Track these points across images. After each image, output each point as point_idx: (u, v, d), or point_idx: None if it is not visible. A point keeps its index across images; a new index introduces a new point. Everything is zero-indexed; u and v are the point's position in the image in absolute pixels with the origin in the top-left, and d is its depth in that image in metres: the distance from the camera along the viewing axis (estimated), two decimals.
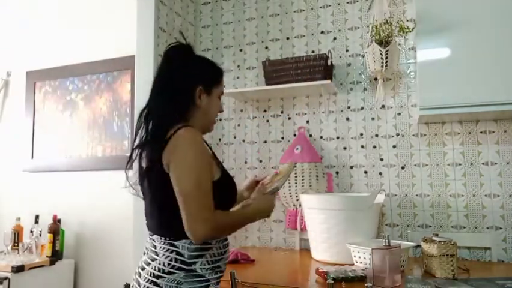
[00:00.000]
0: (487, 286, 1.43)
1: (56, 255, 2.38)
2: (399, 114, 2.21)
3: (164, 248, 1.22)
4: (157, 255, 1.22)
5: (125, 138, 2.52)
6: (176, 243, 1.21)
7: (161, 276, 1.20)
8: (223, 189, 1.27)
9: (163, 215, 1.24)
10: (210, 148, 1.37)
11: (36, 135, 2.79)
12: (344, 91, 2.33)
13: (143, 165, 1.27)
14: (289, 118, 2.44)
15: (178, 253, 1.20)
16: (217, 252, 1.26)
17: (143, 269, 1.25)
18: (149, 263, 1.23)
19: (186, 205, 1.15)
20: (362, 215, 1.86)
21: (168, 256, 1.21)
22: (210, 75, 1.34)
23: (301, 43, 2.45)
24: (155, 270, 1.21)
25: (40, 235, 2.42)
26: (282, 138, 2.44)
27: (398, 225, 2.15)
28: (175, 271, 1.20)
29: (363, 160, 2.25)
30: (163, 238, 1.23)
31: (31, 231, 2.43)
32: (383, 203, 2.11)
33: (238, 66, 2.60)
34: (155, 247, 1.24)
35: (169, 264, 1.20)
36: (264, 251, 2.29)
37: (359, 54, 2.32)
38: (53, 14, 2.86)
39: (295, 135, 2.41)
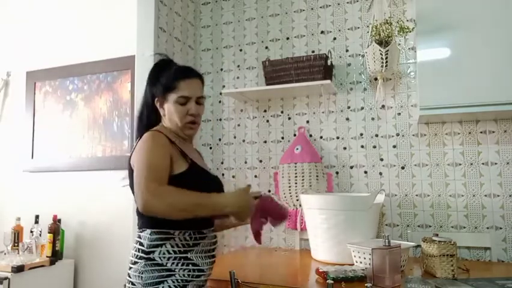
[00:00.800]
0: (487, 286, 1.43)
1: (56, 255, 2.38)
2: (399, 114, 2.21)
3: (135, 240, 1.34)
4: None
5: (125, 138, 2.52)
6: (141, 234, 1.31)
7: (130, 267, 1.30)
8: (188, 182, 1.27)
9: (137, 209, 1.34)
10: (186, 151, 1.42)
11: (36, 135, 2.79)
12: (343, 91, 2.33)
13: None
14: (289, 118, 2.44)
15: (141, 243, 1.30)
16: (181, 243, 1.30)
17: None
18: None
19: (136, 181, 1.22)
20: (362, 215, 1.86)
21: (134, 247, 1.32)
22: (162, 85, 1.43)
23: (301, 43, 2.45)
24: (129, 262, 1.32)
25: (40, 235, 2.42)
26: (282, 138, 2.44)
27: (398, 225, 2.15)
28: (138, 260, 1.28)
29: (363, 160, 2.25)
30: (137, 231, 1.35)
31: (31, 231, 2.42)
32: (383, 203, 2.11)
33: (238, 66, 2.60)
34: None
35: (134, 254, 1.31)
36: (264, 251, 2.29)
37: (359, 54, 2.32)
38: (53, 14, 2.86)
39: (295, 135, 2.41)
